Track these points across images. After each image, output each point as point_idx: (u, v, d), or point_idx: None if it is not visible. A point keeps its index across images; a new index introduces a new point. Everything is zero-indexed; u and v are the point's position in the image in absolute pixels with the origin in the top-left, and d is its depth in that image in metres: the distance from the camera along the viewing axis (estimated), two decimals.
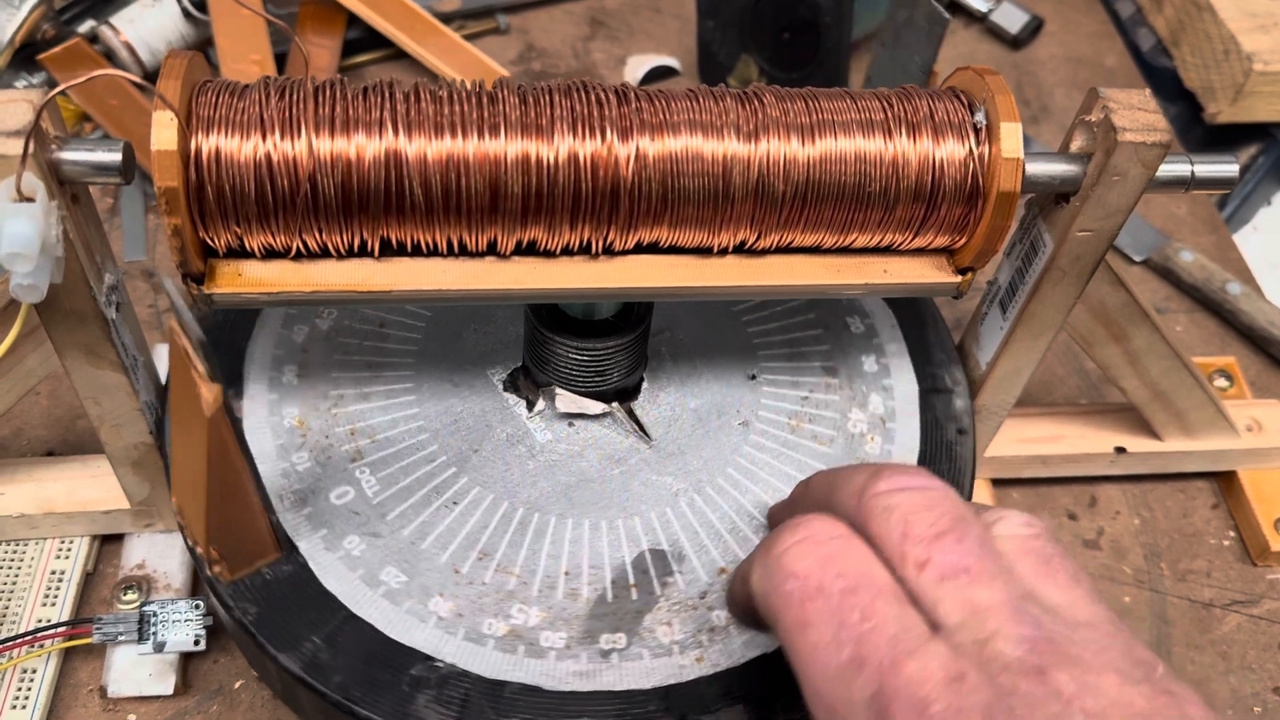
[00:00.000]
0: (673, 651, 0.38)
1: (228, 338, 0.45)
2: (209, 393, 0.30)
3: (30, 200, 0.32)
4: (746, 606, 0.34)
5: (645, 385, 0.45)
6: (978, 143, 0.37)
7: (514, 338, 0.46)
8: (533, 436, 0.43)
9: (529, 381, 0.45)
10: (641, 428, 0.44)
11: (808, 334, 0.48)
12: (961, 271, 0.40)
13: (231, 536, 0.36)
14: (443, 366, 0.45)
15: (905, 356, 0.47)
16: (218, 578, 0.37)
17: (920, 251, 0.40)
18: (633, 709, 0.37)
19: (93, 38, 0.67)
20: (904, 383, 0.46)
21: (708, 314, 0.48)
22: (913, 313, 0.49)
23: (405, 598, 0.38)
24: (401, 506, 0.41)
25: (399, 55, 0.73)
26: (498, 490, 0.42)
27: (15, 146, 0.31)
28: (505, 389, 0.45)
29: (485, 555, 0.40)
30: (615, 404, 0.44)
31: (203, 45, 0.69)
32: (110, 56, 0.67)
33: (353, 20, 0.72)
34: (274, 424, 0.42)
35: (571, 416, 0.44)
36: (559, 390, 0.43)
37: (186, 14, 0.67)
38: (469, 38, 0.75)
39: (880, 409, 0.45)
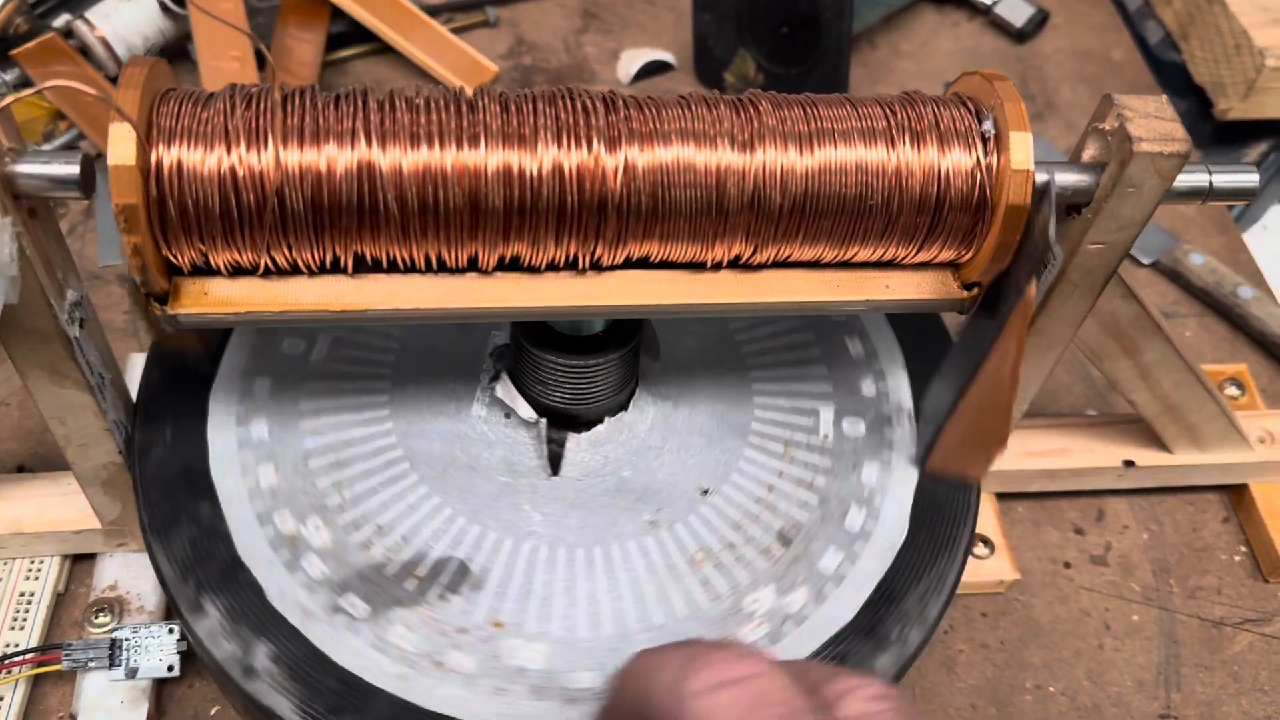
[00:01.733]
0: None
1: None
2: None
3: None
4: None
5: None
6: (985, 152, 0.35)
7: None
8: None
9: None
10: (555, 459, 0.42)
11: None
12: (967, 287, 0.38)
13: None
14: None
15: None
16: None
17: (924, 266, 0.38)
18: None
19: (68, 32, 0.65)
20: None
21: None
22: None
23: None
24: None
25: (384, 50, 0.71)
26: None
27: None
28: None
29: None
30: (542, 420, 0.42)
31: (181, 41, 0.67)
32: (85, 52, 0.64)
33: (337, 14, 0.70)
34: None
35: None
36: (503, 378, 0.42)
37: (164, 9, 0.65)
38: (457, 31, 0.73)
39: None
